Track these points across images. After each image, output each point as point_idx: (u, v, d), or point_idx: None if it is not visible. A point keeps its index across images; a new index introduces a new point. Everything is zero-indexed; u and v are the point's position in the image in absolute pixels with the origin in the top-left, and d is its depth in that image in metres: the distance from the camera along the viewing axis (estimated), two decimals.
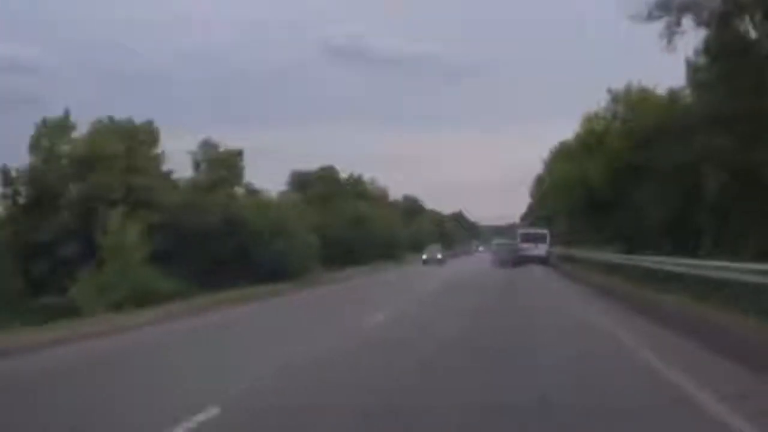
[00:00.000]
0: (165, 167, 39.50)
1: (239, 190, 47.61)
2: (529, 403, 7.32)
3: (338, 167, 72.67)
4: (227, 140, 49.85)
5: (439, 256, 62.32)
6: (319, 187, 66.06)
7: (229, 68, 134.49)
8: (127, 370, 10.74)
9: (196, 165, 47.83)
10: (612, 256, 34.14)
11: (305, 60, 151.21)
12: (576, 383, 8.55)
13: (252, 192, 49.55)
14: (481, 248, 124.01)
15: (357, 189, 75.58)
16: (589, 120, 43.06)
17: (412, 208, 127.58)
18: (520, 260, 49.51)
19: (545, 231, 56.12)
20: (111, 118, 35.00)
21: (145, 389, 8.95)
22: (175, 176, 41.96)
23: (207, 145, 48.22)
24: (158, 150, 37.69)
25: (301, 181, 65.73)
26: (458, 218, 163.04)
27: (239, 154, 48.09)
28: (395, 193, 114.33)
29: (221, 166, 46.84)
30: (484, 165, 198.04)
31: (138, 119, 36.61)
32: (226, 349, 12.68)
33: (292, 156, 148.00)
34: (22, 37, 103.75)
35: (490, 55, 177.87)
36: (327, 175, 68.91)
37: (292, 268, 36.83)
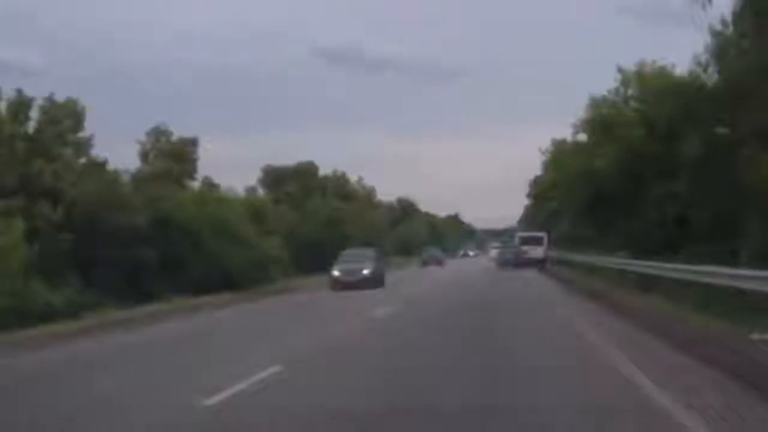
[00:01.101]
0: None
1: (195, 185, 41.39)
2: None
3: (322, 164, 66.63)
4: (224, 141, 44.26)
5: (366, 271, 33.51)
6: (294, 185, 59.89)
7: (223, 70, 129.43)
8: None
9: (145, 155, 41.69)
10: (643, 266, 27.21)
11: (300, 63, 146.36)
12: None
13: (209, 187, 43.40)
14: (471, 253, 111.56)
15: (339, 187, 69.38)
16: (596, 104, 36.83)
17: (405, 211, 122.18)
18: (520, 262, 50.00)
19: (543, 234, 55.28)
20: (20, 92, 28.69)
21: None
22: (119, 168, 35.91)
23: (157, 133, 42.06)
24: (84, 134, 31.30)
25: (274, 178, 59.41)
26: (455, 221, 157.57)
27: (194, 143, 41.89)
28: (391, 196, 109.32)
29: (172, 156, 40.65)
30: (483, 167, 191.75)
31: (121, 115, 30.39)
32: None
33: (287, 158, 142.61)
34: (20, 39, 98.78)
35: (486, 57, 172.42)
36: (305, 171, 62.60)
37: (239, 276, 30.70)
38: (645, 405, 7.45)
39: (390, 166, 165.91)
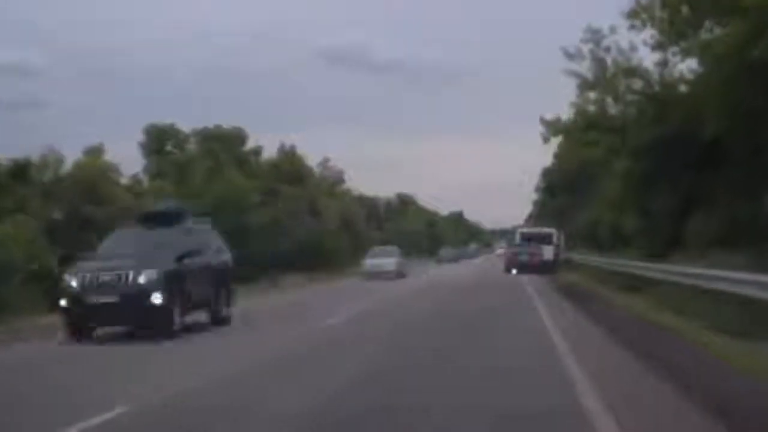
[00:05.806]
0: None
1: None
2: None
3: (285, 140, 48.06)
4: None
5: None
6: (200, 154, 41.25)
7: (228, 70, 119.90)
8: None
9: None
10: None
11: (302, 64, 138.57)
12: None
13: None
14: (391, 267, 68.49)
15: (282, 164, 50.92)
16: None
17: (405, 206, 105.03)
18: (520, 265, 41.69)
19: (551, 230, 46.12)
20: None
21: None
22: None
23: None
24: None
25: (162, 141, 40.54)
26: (458, 218, 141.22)
27: None
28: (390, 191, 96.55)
29: None
30: (488, 167, 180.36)
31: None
32: None
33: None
34: (22, 41, 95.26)
35: (488, 57, 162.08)
36: (222, 137, 43.77)
37: None
38: None
39: (392, 166, 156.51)
